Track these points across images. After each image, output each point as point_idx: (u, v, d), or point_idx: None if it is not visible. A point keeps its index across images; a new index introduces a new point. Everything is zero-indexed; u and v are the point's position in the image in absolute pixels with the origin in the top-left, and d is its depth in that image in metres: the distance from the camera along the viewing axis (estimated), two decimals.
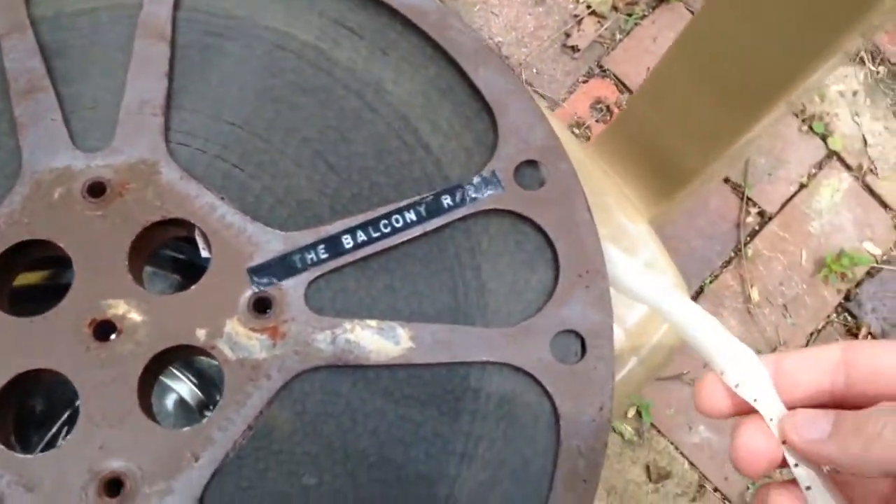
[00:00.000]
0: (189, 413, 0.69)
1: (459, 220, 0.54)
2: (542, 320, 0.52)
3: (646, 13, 1.72)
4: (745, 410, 0.40)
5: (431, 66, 0.58)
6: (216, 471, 0.48)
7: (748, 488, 1.44)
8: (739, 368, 0.41)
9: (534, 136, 0.56)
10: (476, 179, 0.55)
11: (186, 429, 0.48)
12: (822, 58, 0.61)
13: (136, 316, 0.50)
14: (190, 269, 0.66)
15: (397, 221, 0.53)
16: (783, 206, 1.66)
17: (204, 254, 0.53)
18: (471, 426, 0.50)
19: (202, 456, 0.47)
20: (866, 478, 0.38)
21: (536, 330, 0.51)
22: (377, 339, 0.50)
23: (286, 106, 0.56)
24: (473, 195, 0.54)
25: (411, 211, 0.53)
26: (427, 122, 0.57)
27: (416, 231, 0.53)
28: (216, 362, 0.52)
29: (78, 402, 0.57)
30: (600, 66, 1.66)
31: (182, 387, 0.70)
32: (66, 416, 0.66)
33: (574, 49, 1.66)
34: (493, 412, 0.50)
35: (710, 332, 0.45)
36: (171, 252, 0.68)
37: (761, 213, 1.64)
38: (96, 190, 0.53)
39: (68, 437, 0.48)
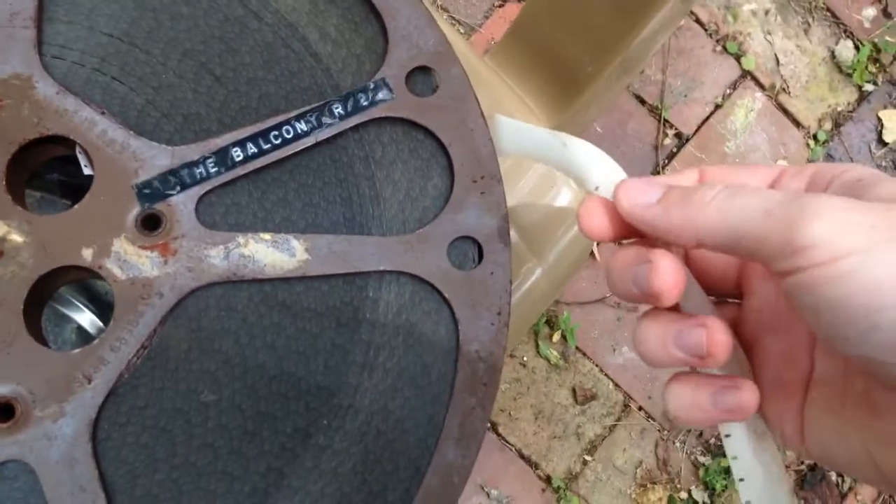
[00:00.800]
0: (90, 341, 0.68)
1: (352, 129, 0.54)
2: (438, 227, 0.52)
3: None
4: (629, 233, 0.41)
5: None
6: (110, 391, 0.47)
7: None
8: (608, 179, 0.42)
9: (425, 42, 0.56)
10: (367, 87, 0.54)
11: (76, 350, 0.48)
12: None
13: (17, 237, 0.49)
14: (81, 194, 0.64)
15: (288, 132, 0.53)
16: (699, 127, 1.69)
17: (87, 171, 0.51)
18: (370, 336, 0.51)
19: (95, 377, 0.47)
20: (680, 247, 0.40)
21: (433, 237, 0.52)
22: (272, 253, 0.50)
23: (167, 16, 0.55)
24: (365, 103, 0.54)
25: (302, 121, 0.53)
26: (315, 30, 0.56)
27: (308, 141, 0.53)
28: (112, 291, 0.51)
29: None
30: None
31: (80, 315, 0.69)
32: None
33: None
34: (391, 321, 0.51)
35: (582, 153, 0.45)
36: (59, 176, 0.66)
37: (678, 135, 1.66)
38: None
39: None
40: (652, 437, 1.54)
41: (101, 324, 0.70)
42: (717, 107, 1.44)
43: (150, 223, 0.50)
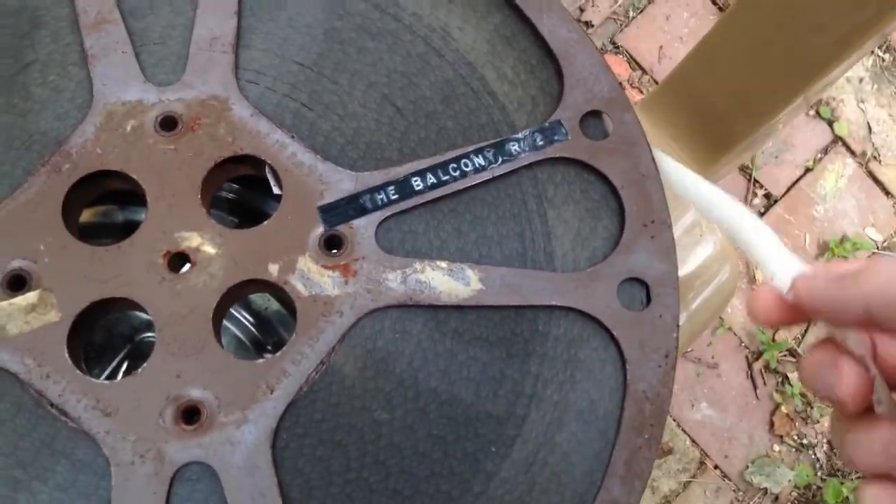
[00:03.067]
0: (245, 352, 0.70)
1: (526, 167, 0.56)
2: (608, 268, 0.53)
3: None
4: (796, 319, 0.42)
5: (496, 14, 0.60)
6: (291, 403, 0.49)
7: (747, 467, 1.47)
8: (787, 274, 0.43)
9: (599, 87, 0.57)
10: (543, 127, 0.56)
11: (261, 361, 0.49)
12: (870, 30, 0.63)
13: (210, 249, 0.51)
14: (246, 212, 0.66)
15: (466, 165, 0.54)
16: (789, 189, 1.69)
17: (275, 191, 0.53)
18: (539, 368, 0.52)
19: (277, 388, 0.48)
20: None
21: (603, 277, 0.53)
22: (447, 281, 0.52)
23: (354, 49, 0.57)
24: (540, 143, 0.55)
25: (480, 156, 0.55)
26: (493, 70, 0.58)
27: (485, 176, 0.54)
28: (271, 307, 0.52)
29: (139, 336, 0.58)
30: (613, 43, 1.68)
31: (238, 326, 0.70)
32: (125, 350, 0.67)
33: (588, 25, 1.67)
34: (560, 355, 0.52)
35: (759, 237, 0.46)
36: (226, 194, 0.68)
37: (767, 196, 1.66)
38: (169, 124, 0.54)
39: (144, 365, 0.49)
40: (727, 497, 1.52)
41: (258, 335, 0.72)
42: (808, 170, 1.44)
43: (333, 244, 0.52)
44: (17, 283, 0.50)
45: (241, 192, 0.69)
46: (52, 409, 0.49)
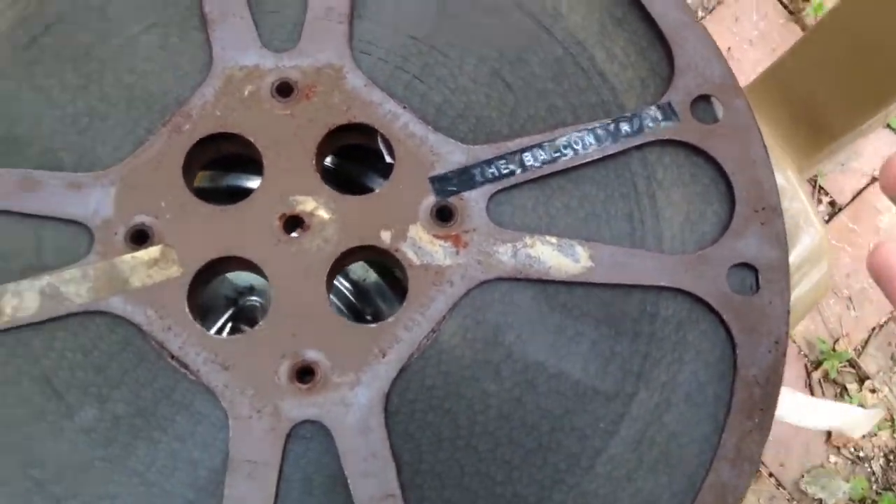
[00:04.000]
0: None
1: (636, 147, 0.58)
2: (718, 251, 0.55)
3: None
4: None
5: None
6: (402, 368, 0.51)
7: (802, 477, 1.47)
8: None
9: (711, 72, 0.59)
10: (653, 109, 0.58)
11: (373, 325, 0.52)
12: None
13: (324, 214, 0.53)
14: (343, 183, 0.69)
15: (576, 143, 0.56)
16: (854, 197, 1.70)
17: (387, 160, 0.56)
18: (647, 348, 0.53)
19: (389, 352, 0.51)
20: None
21: (712, 260, 0.55)
22: (557, 256, 0.54)
23: (465, 24, 0.59)
24: (651, 124, 0.57)
25: (590, 134, 0.57)
26: (602, 50, 0.60)
27: (595, 155, 0.56)
28: (369, 277, 0.54)
29: (242, 300, 0.60)
30: None
31: (337, 295, 0.73)
32: (229, 312, 0.70)
33: None
34: (668, 336, 0.54)
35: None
36: (326, 163, 0.71)
37: (832, 203, 1.67)
38: (285, 90, 0.56)
39: (260, 323, 0.51)
40: None
41: (357, 304, 0.75)
42: (874, 179, 1.45)
43: (444, 214, 0.54)
44: (140, 238, 0.53)
45: (339, 163, 0.72)
46: (173, 360, 0.51)
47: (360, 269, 0.74)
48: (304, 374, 0.52)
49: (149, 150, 0.55)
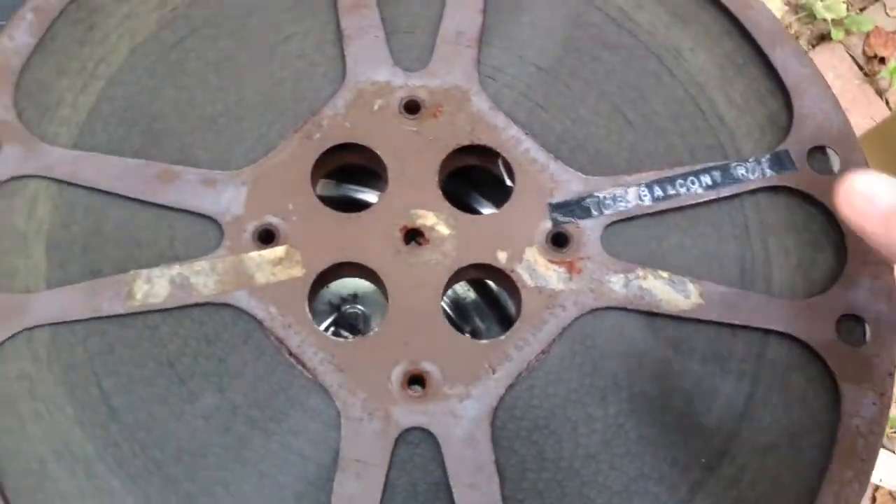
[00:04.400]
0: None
1: (750, 192, 0.59)
2: (828, 300, 0.57)
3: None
4: None
5: (728, 41, 0.64)
6: (510, 385, 0.53)
7: None
8: None
9: (829, 123, 0.61)
10: (770, 156, 0.60)
11: (485, 342, 0.53)
12: None
13: (443, 229, 0.56)
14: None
15: (692, 183, 0.58)
16: None
17: (507, 183, 0.58)
18: (752, 388, 0.55)
19: (499, 369, 0.53)
20: None
21: (821, 308, 0.56)
22: (668, 290, 0.55)
23: (589, 58, 0.62)
24: (767, 171, 0.59)
25: (707, 175, 0.59)
26: (722, 94, 0.62)
27: (710, 195, 0.58)
28: (469, 296, 0.56)
29: (345, 307, 0.63)
30: None
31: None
32: (332, 317, 0.72)
33: None
34: (774, 380, 0.55)
35: None
36: None
37: None
38: (413, 107, 0.59)
39: (376, 329, 0.54)
40: None
41: (456, 321, 0.77)
42: None
43: (560, 241, 0.56)
44: (268, 237, 0.56)
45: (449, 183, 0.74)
46: (290, 357, 0.54)
47: (460, 287, 0.76)
48: (416, 382, 0.54)
49: (280, 154, 0.58)
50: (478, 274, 0.60)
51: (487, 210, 0.76)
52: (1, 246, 0.55)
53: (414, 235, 0.58)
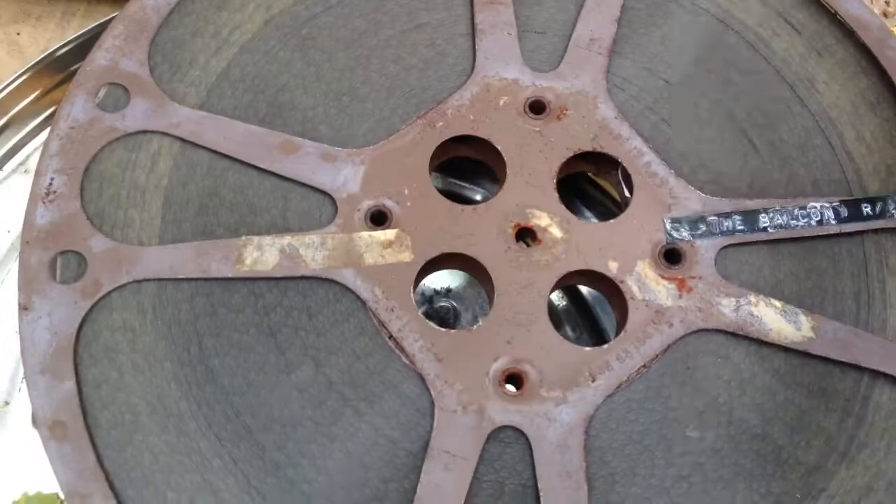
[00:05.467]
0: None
1: (873, 231, 0.58)
2: None
3: None
4: None
5: (864, 78, 0.63)
6: (608, 395, 0.53)
7: None
8: None
9: None
10: None
11: (587, 349, 0.54)
12: None
13: (556, 232, 0.56)
14: None
15: (815, 215, 0.58)
16: None
17: (625, 194, 0.58)
18: (856, 430, 0.54)
19: (599, 378, 0.53)
20: None
21: None
22: (779, 320, 0.55)
23: (719, 79, 0.62)
24: (893, 211, 0.58)
25: (830, 209, 0.58)
26: (852, 130, 0.61)
27: (831, 230, 0.58)
28: (562, 303, 0.56)
29: (437, 301, 0.64)
30: None
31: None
32: (421, 310, 0.73)
33: None
34: (878, 423, 0.54)
35: None
36: None
37: None
38: (538, 107, 0.59)
39: (479, 323, 0.54)
40: None
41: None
42: None
43: (673, 257, 0.56)
44: (380, 219, 0.57)
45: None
46: (391, 341, 0.55)
47: (553, 294, 0.77)
48: (515, 380, 0.54)
49: (402, 139, 0.59)
50: (585, 281, 0.60)
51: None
52: (120, 196, 0.57)
53: (526, 234, 0.58)
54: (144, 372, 0.53)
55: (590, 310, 0.73)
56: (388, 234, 0.56)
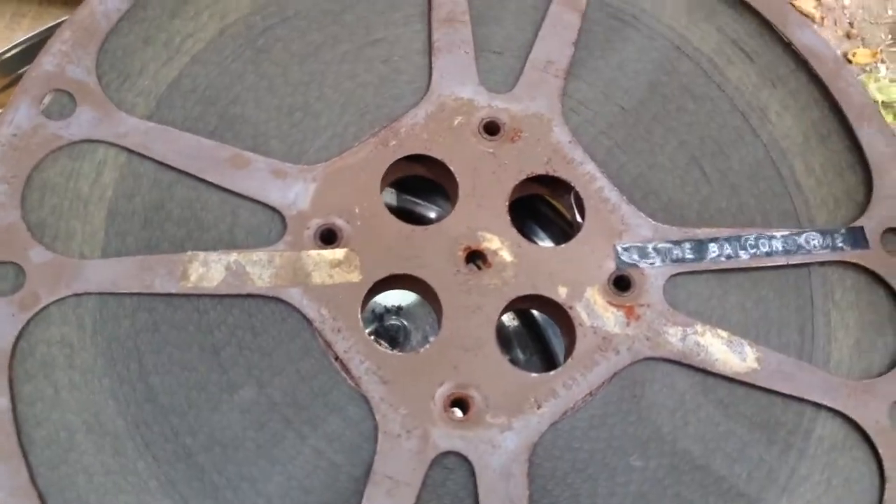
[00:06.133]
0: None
1: (819, 263, 0.59)
2: (884, 384, 0.57)
3: None
4: None
5: (816, 110, 0.64)
6: (553, 423, 0.53)
7: None
8: None
9: None
10: (844, 231, 0.60)
11: (534, 375, 0.54)
12: None
13: (506, 255, 0.56)
14: None
15: (763, 245, 0.58)
16: None
17: (577, 219, 0.58)
18: (797, 463, 0.55)
19: (544, 405, 0.53)
20: None
21: (877, 392, 0.56)
22: (725, 351, 0.56)
23: (674, 106, 0.62)
24: (839, 245, 0.59)
25: (779, 240, 0.59)
26: (802, 162, 0.62)
27: (779, 261, 0.59)
28: (513, 324, 0.56)
29: (388, 320, 0.63)
30: None
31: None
32: (372, 328, 0.73)
33: None
34: (820, 456, 0.55)
35: None
36: None
37: None
38: (492, 128, 0.59)
39: (426, 347, 0.54)
40: None
41: None
42: None
43: (622, 284, 0.57)
44: (330, 238, 0.56)
45: None
46: (336, 362, 0.54)
47: (506, 315, 0.76)
48: (460, 405, 0.54)
49: (354, 156, 0.59)
50: (535, 306, 0.60)
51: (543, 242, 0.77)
52: (62, 206, 0.56)
53: (476, 257, 0.58)
54: (81, 389, 0.52)
55: (541, 332, 0.73)
56: (337, 253, 0.55)
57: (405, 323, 0.72)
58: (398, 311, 0.71)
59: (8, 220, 0.53)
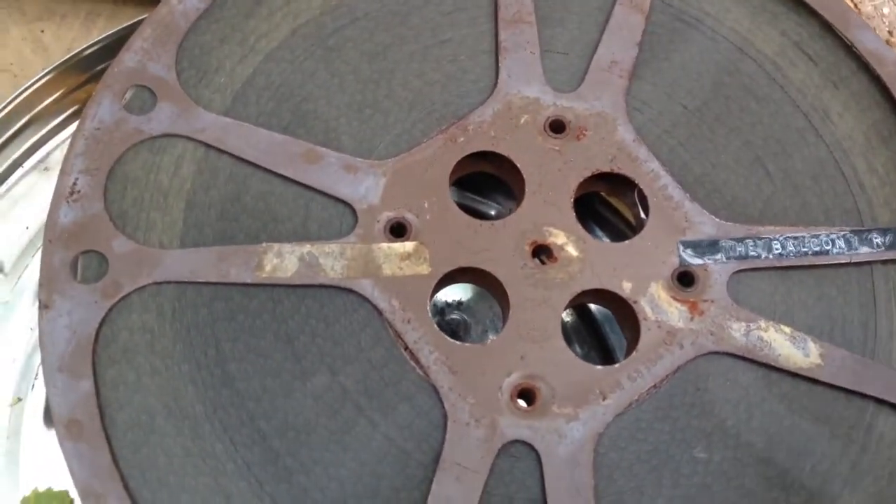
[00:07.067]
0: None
1: (882, 261, 0.59)
2: None
3: None
4: None
5: (877, 111, 0.65)
6: (618, 414, 0.54)
7: None
8: None
9: None
10: None
11: (599, 367, 0.55)
12: None
13: (572, 250, 0.57)
14: None
15: (826, 244, 0.59)
16: None
17: (641, 216, 0.59)
18: (859, 457, 0.55)
19: (609, 396, 0.54)
20: None
21: None
22: (788, 346, 0.56)
23: (737, 106, 0.63)
24: None
25: (842, 238, 0.59)
26: (864, 161, 0.63)
27: (842, 259, 0.59)
28: (573, 319, 0.57)
29: (449, 314, 0.65)
30: None
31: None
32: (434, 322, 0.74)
33: None
34: (882, 451, 0.55)
35: None
36: None
37: None
38: (558, 127, 0.61)
39: (493, 338, 0.55)
40: None
41: None
42: None
43: (686, 280, 0.57)
44: (399, 230, 0.58)
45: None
46: (406, 352, 0.55)
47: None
48: (527, 396, 0.55)
49: (422, 152, 0.60)
50: (599, 300, 0.61)
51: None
52: (143, 198, 0.58)
53: (542, 252, 0.59)
54: (162, 374, 0.53)
55: (598, 327, 0.74)
56: (406, 246, 0.57)
57: (466, 317, 0.74)
58: (459, 305, 0.72)
59: (92, 210, 0.55)
